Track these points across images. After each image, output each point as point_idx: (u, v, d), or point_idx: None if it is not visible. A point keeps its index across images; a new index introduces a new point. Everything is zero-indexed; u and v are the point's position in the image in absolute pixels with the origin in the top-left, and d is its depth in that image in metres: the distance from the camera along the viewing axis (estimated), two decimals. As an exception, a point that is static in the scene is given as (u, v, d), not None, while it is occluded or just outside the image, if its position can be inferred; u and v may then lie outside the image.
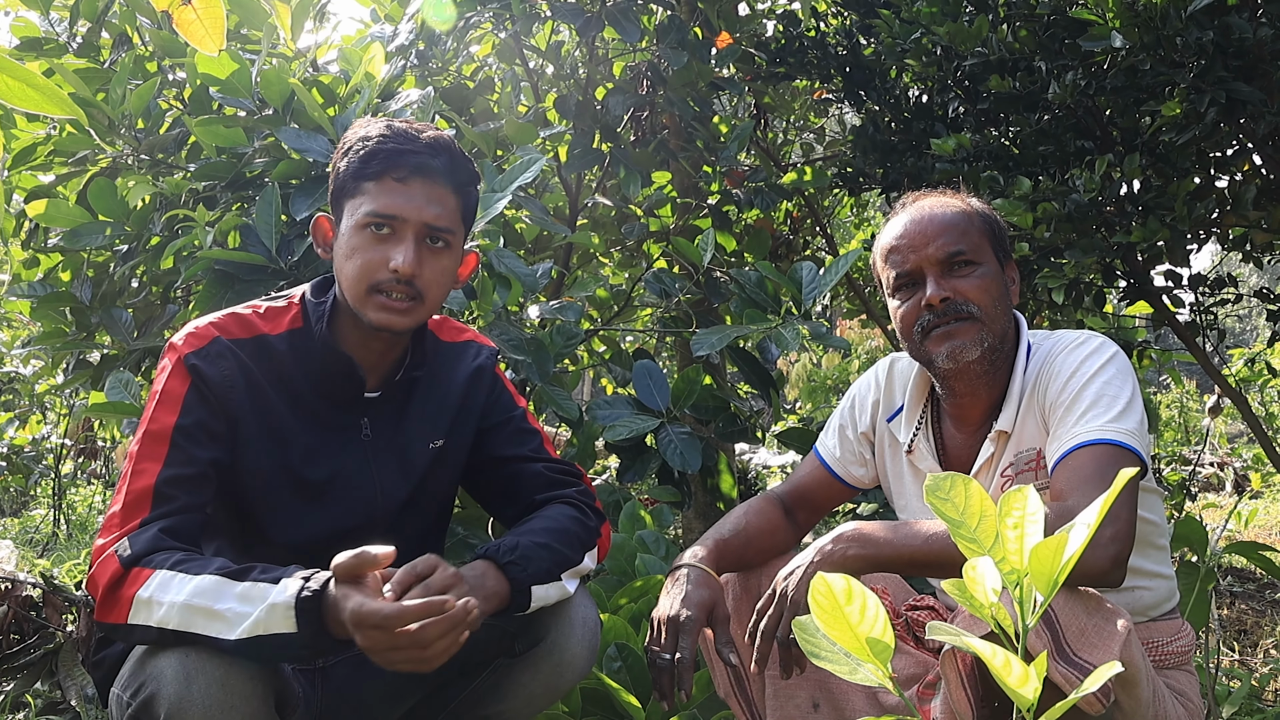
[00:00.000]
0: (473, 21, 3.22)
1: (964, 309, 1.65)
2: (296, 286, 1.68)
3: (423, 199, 1.53)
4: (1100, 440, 1.51)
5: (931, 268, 1.67)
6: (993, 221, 1.74)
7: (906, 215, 1.73)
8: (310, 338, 1.58)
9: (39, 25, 2.92)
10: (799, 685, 1.75)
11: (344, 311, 1.59)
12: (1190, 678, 1.70)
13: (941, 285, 1.65)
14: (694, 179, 3.59)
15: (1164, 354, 3.85)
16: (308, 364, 1.58)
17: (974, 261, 1.67)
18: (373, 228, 1.52)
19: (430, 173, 1.54)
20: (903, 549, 1.51)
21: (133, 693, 1.32)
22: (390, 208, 1.51)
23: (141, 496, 1.43)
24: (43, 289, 2.81)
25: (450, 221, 1.56)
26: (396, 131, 1.54)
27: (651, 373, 2.67)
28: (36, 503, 7.05)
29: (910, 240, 1.69)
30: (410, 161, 1.52)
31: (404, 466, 1.65)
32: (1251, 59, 2.26)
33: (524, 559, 1.50)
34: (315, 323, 1.58)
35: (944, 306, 1.65)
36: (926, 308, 1.66)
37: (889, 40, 2.80)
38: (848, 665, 0.87)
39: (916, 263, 1.68)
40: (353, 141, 1.56)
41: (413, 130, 1.56)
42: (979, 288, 1.66)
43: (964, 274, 1.66)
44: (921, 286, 1.67)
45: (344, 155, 1.57)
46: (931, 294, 1.65)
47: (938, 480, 0.90)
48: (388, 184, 1.52)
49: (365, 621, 1.27)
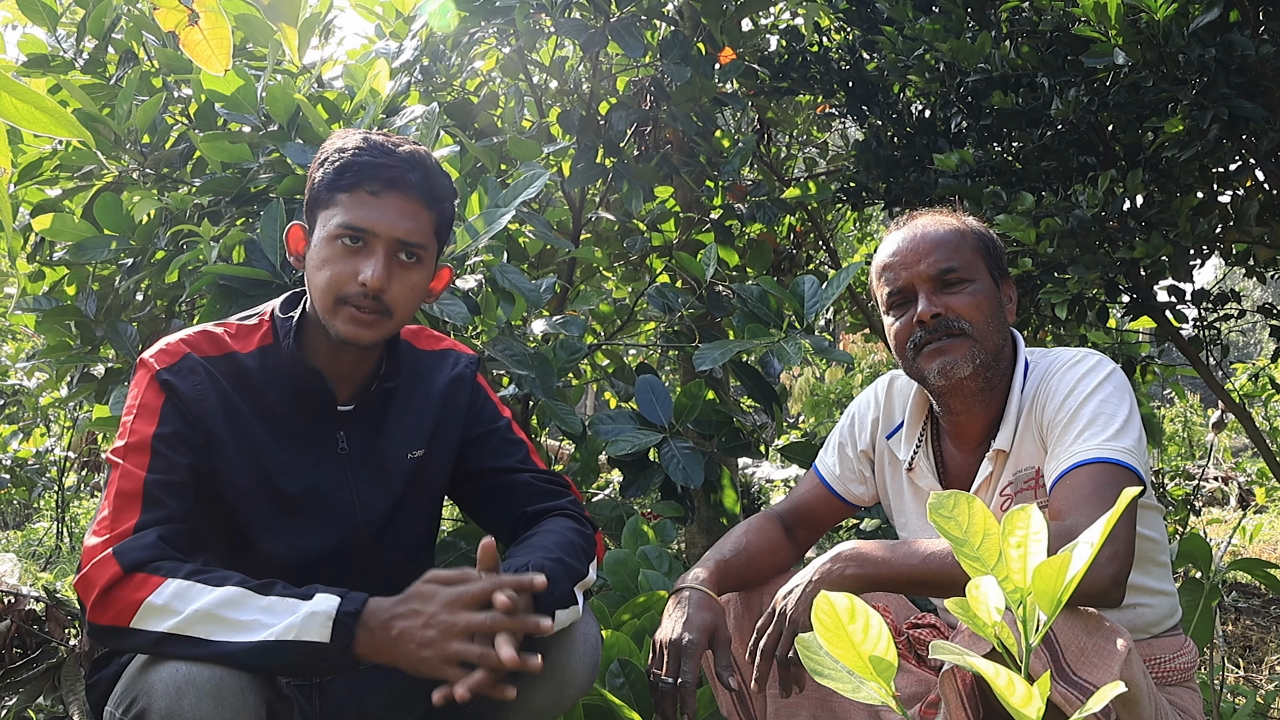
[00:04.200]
0: (477, 37, 3.23)
1: (956, 325, 1.65)
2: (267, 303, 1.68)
3: (396, 213, 1.52)
4: (1098, 459, 1.51)
5: (924, 284, 1.68)
6: (988, 239, 1.74)
7: (900, 233, 1.74)
8: (279, 353, 1.58)
9: (46, 42, 2.94)
10: (800, 704, 1.74)
11: (314, 324, 1.59)
12: (1193, 695, 1.69)
13: (933, 302, 1.66)
14: (697, 193, 3.59)
15: (1167, 369, 3.85)
16: (278, 379, 1.57)
17: (966, 278, 1.68)
18: (344, 240, 1.52)
19: (405, 187, 1.53)
20: (900, 568, 1.51)
21: (124, 708, 1.31)
22: (362, 220, 1.51)
23: (130, 499, 1.43)
24: (48, 303, 2.82)
25: (423, 237, 1.56)
26: (372, 144, 1.54)
27: (654, 387, 2.67)
28: (39, 516, 7.05)
29: (903, 257, 1.70)
30: (385, 175, 1.52)
31: (384, 478, 1.65)
32: (1254, 76, 2.26)
33: (550, 580, 1.47)
34: (283, 338, 1.58)
35: (935, 323, 1.66)
36: (918, 324, 1.67)
37: (892, 56, 2.81)
38: (851, 683, 0.87)
39: (909, 280, 1.69)
40: (329, 152, 1.56)
41: (389, 144, 1.55)
42: (971, 304, 1.66)
43: (956, 290, 1.67)
44: (914, 303, 1.69)
45: (319, 165, 1.56)
46: (923, 310, 1.66)
47: (941, 498, 0.90)
48: (361, 196, 1.52)
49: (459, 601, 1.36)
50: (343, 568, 1.57)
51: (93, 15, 2.85)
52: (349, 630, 1.33)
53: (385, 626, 1.36)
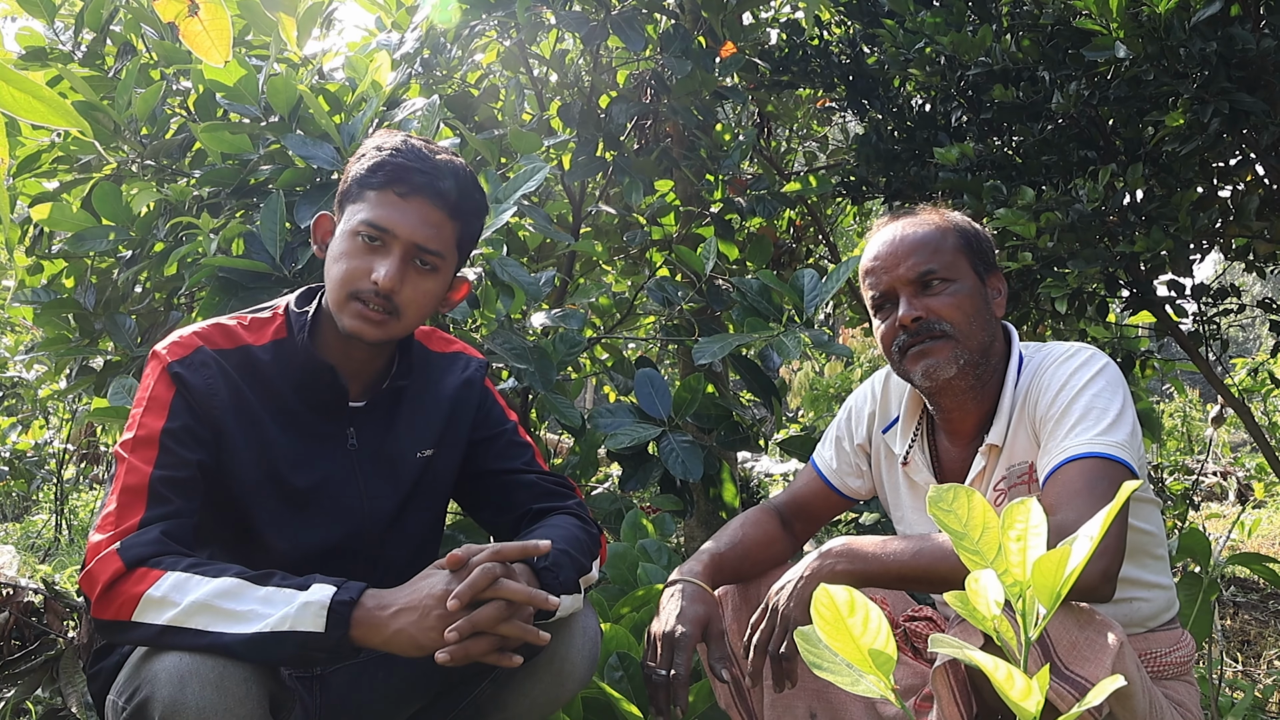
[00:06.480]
0: (478, 29, 3.22)
1: (937, 327, 1.66)
2: (282, 297, 1.69)
3: (418, 218, 1.53)
4: (1090, 454, 1.51)
5: (904, 288, 1.69)
6: (971, 235, 1.74)
7: (880, 237, 1.76)
8: (294, 347, 1.59)
9: (44, 34, 2.93)
10: (797, 696, 1.75)
11: (328, 320, 1.60)
12: (1190, 688, 1.70)
13: (913, 305, 1.68)
14: (697, 187, 3.59)
15: (1167, 364, 3.85)
16: (291, 373, 1.58)
17: (947, 279, 1.68)
18: (364, 237, 1.53)
19: (432, 194, 1.54)
20: (890, 564, 1.51)
21: (127, 697, 1.32)
22: (384, 220, 1.52)
23: (136, 494, 1.43)
24: (47, 295, 2.82)
25: (442, 246, 1.56)
26: (411, 148, 1.55)
27: (654, 381, 2.67)
28: (38, 508, 7.05)
29: (883, 261, 1.72)
30: (415, 179, 1.53)
31: (392, 476, 1.66)
32: (1254, 70, 2.26)
33: (556, 565, 1.50)
34: (298, 332, 1.59)
35: (916, 326, 1.67)
36: (900, 328, 1.68)
37: (892, 49, 2.80)
38: (850, 676, 0.87)
39: (889, 283, 1.70)
40: (369, 148, 1.58)
41: (428, 150, 1.56)
42: (952, 305, 1.67)
43: (936, 292, 1.68)
44: (897, 307, 1.70)
45: (358, 159, 1.58)
46: (904, 314, 1.68)
47: (941, 492, 0.90)
48: (388, 196, 1.53)
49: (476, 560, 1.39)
50: (348, 564, 1.57)
51: (90, 8, 2.84)
52: (344, 619, 1.33)
53: (383, 613, 1.37)
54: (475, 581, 1.38)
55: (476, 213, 1.63)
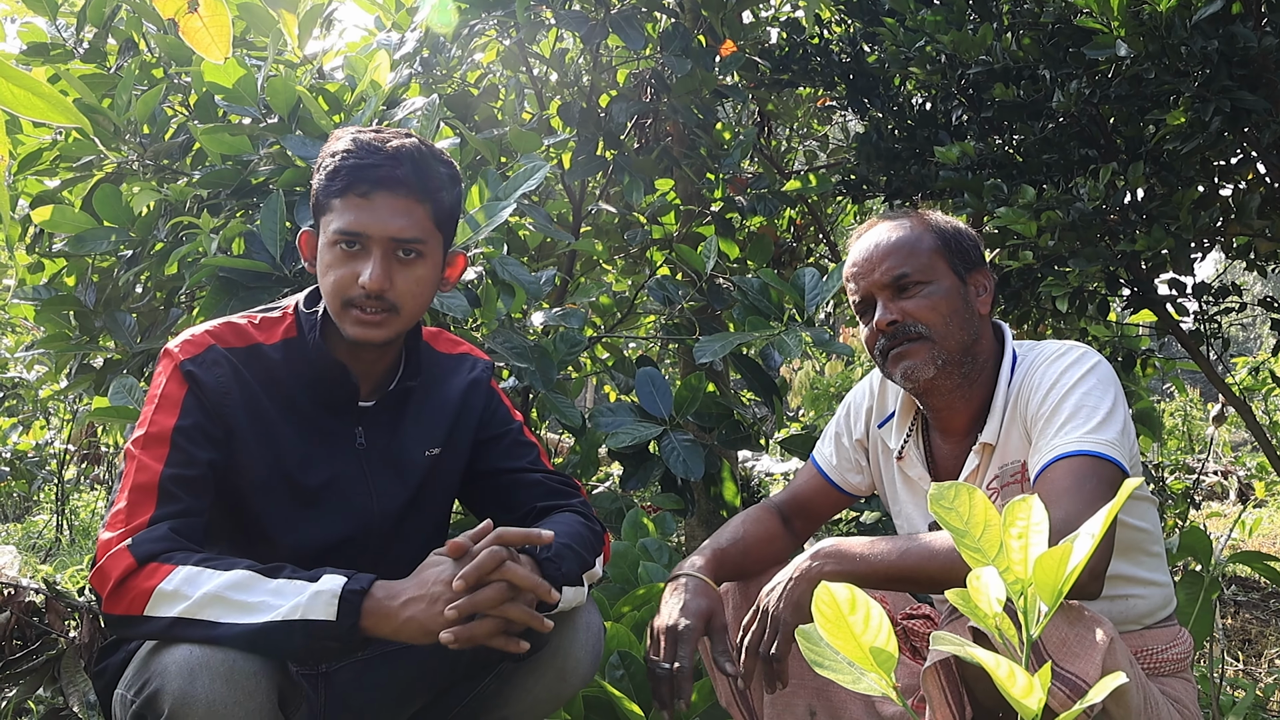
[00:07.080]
0: (477, 29, 3.22)
1: (913, 330, 1.68)
2: (289, 297, 1.70)
3: (387, 212, 1.52)
4: (1079, 452, 1.51)
5: (880, 292, 1.71)
6: (949, 236, 1.75)
7: (859, 243, 1.78)
8: (304, 346, 1.60)
9: (46, 31, 2.93)
10: (797, 694, 1.76)
11: (332, 322, 1.60)
12: (1188, 685, 1.69)
13: (889, 309, 1.70)
14: (697, 186, 3.59)
15: (1168, 362, 3.85)
16: (302, 371, 1.59)
17: (922, 281, 1.70)
18: (342, 245, 1.53)
19: (393, 184, 1.53)
20: (879, 565, 1.51)
21: (136, 690, 1.33)
22: (354, 224, 1.52)
23: (146, 492, 1.44)
24: (47, 293, 2.81)
25: (419, 231, 1.55)
26: (360, 145, 1.54)
27: (654, 380, 2.67)
28: (39, 508, 7.05)
29: (860, 267, 1.75)
30: (371, 175, 1.52)
31: (400, 475, 1.66)
32: (1256, 68, 2.26)
33: (558, 557, 1.51)
34: (309, 331, 1.60)
35: (893, 329, 1.69)
36: (879, 332, 1.71)
37: (893, 48, 2.80)
38: (851, 674, 0.87)
39: (867, 288, 1.73)
40: (324, 157, 1.57)
41: (377, 141, 1.54)
42: (927, 307, 1.69)
43: (912, 295, 1.70)
44: (874, 311, 1.72)
45: (318, 171, 1.57)
46: (879, 318, 1.70)
47: (942, 489, 0.90)
48: (352, 200, 1.52)
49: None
50: (355, 562, 1.58)
51: (93, 4, 2.84)
52: (355, 608, 1.35)
53: (393, 602, 1.38)
54: (482, 563, 1.39)
55: (445, 185, 1.60)
